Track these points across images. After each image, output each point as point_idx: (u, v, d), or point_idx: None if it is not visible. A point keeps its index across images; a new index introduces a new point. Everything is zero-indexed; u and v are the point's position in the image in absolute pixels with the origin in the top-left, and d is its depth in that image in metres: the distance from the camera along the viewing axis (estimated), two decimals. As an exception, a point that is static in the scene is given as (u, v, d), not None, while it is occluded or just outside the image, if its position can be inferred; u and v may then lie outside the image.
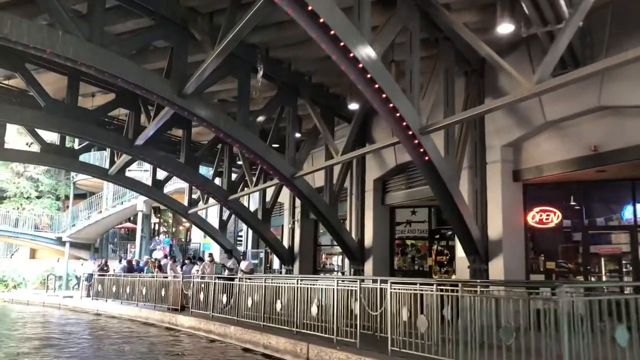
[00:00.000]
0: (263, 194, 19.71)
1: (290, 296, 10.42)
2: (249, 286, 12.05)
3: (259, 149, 12.30)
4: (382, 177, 15.74)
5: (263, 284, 11.31)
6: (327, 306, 9.54)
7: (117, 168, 18.39)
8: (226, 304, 12.93)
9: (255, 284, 11.85)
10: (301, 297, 10.12)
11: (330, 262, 20.76)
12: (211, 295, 13.48)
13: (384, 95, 8.13)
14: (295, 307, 10.16)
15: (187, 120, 16.47)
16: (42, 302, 23.49)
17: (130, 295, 18.11)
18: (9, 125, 28.47)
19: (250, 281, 12.34)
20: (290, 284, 10.55)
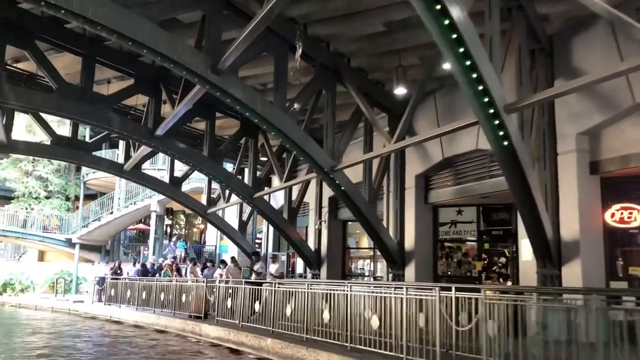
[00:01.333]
0: (289, 192, 18.27)
1: (340, 305, 8.95)
2: (287, 292, 10.59)
3: (298, 138, 10.87)
4: (425, 173, 14.26)
5: (305, 290, 9.84)
6: (384, 317, 8.10)
7: (132, 163, 17.01)
8: (257, 312, 11.50)
9: (294, 290, 10.37)
10: (353, 306, 8.66)
11: (357, 266, 19.34)
12: (240, 302, 12.04)
13: (469, 62, 6.67)
14: (347, 318, 8.70)
15: (211, 111, 15.14)
16: (51, 307, 22.16)
17: (146, 300, 16.70)
18: (17, 122, 27.30)
19: (286, 287, 10.87)
20: (340, 291, 9.07)
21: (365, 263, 19.24)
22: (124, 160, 17.42)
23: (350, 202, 12.76)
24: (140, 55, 12.90)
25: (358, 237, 19.55)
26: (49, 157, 15.84)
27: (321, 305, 9.59)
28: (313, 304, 9.75)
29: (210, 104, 14.94)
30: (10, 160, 33.55)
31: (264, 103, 10.03)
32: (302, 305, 9.89)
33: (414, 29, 10.76)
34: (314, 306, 9.67)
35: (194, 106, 13.59)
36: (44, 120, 15.30)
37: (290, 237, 17.64)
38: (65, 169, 35.76)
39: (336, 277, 17.95)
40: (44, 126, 15.13)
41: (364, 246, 19.22)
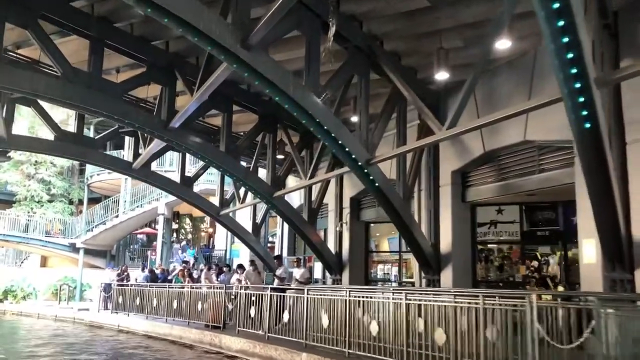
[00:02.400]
0: (308, 192, 17.07)
1: (389, 315, 7.75)
2: (321, 300, 9.39)
3: (332, 126, 9.68)
4: (462, 169, 13.06)
5: (346, 298, 8.63)
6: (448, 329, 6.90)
7: (142, 161, 15.85)
8: (285, 322, 10.30)
9: (332, 297, 9.17)
10: (406, 317, 7.46)
11: (380, 271, 18.14)
12: (265, 311, 10.83)
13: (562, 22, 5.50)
14: (400, 330, 7.49)
15: (228, 103, 14.00)
16: (54, 316, 20.97)
17: (158, 308, 15.50)
18: (18, 122, 26.24)
19: (321, 294, 9.67)
20: (394, 299, 7.86)
21: (387, 267, 18.12)
22: (133, 158, 16.26)
23: (385, 200, 11.55)
24: (153, 40, 11.78)
25: (378, 241, 18.38)
26: (52, 153, 14.66)
27: (363, 314, 8.39)
28: (353, 314, 8.55)
29: (227, 95, 13.84)
30: (11, 162, 32.49)
31: (297, 85, 8.86)
32: (341, 315, 8.69)
33: (460, 3, 9.66)
34: (354, 316, 8.47)
35: (210, 98, 12.49)
36: (47, 114, 14.16)
37: (311, 240, 16.45)
38: (68, 172, 34.66)
39: (359, 282, 16.75)
40: (47, 120, 13.99)
41: (384, 249, 18.06)
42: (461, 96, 8.92)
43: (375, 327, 7.78)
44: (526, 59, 11.19)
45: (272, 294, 10.79)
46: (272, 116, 15.07)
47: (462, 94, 8.91)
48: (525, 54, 11.17)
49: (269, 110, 14.93)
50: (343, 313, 8.64)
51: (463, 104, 8.94)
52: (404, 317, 7.59)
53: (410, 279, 17.21)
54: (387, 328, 7.74)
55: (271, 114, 15.00)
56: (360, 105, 10.91)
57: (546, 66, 10.80)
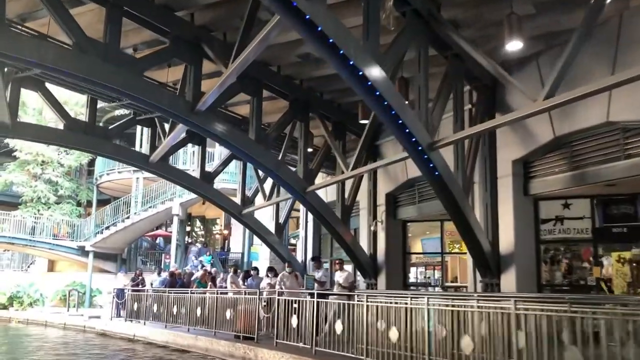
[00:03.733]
0: (341, 187, 15.53)
1: (482, 328, 6.20)
2: (386, 309, 7.85)
3: (395, 101, 8.15)
4: (525, 158, 11.50)
5: (425, 307, 7.07)
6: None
7: (160, 154, 14.38)
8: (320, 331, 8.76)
9: (405, 305, 7.61)
10: (507, 330, 5.92)
11: (417, 274, 16.61)
12: (309, 320, 9.29)
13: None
14: (493, 346, 5.94)
15: (258, 87, 12.50)
16: (63, 324, 19.52)
17: (178, 316, 13.99)
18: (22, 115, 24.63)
19: (384, 301, 8.13)
20: (469, 307, 6.31)
21: (422, 270, 16.60)
22: (149, 152, 14.79)
23: (446, 192, 10.01)
24: (177, 9, 10.31)
25: (410, 242, 16.81)
26: (61, 144, 13.20)
27: (444, 326, 6.84)
28: (433, 327, 7.01)
29: (257, 78, 12.36)
30: (17, 162, 31.14)
31: (357, 45, 7.34)
32: (415, 328, 7.14)
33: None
34: (435, 330, 6.92)
35: (239, 80, 11.06)
36: (55, 100, 12.72)
37: (345, 241, 14.92)
38: (76, 172, 33.30)
39: (397, 287, 15.19)
40: (55, 107, 12.54)
41: (416, 251, 16.53)
42: (563, 59, 7.38)
43: (469, 344, 6.22)
44: (608, 26, 9.65)
45: (319, 300, 9.24)
46: (304, 102, 13.58)
47: (564, 59, 7.38)
48: (607, 21, 9.64)
49: (300, 96, 13.46)
50: (417, 325, 7.09)
51: (564, 70, 7.39)
52: (502, 330, 6.05)
53: (453, 284, 15.70)
54: (484, 345, 6.19)
55: (303, 100, 13.51)
56: (419, 80, 9.36)
57: (635, 34, 9.33)
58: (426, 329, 6.93)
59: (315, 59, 12.29)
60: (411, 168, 14.36)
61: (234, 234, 29.08)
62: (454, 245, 15.90)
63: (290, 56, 12.10)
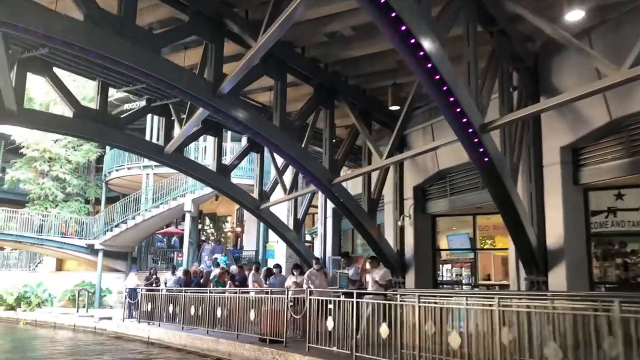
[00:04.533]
0: (367, 180, 14.58)
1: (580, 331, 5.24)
2: (440, 310, 6.91)
3: (448, 75, 7.19)
4: (574, 144, 10.50)
5: (496, 309, 6.12)
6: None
7: (175, 144, 13.50)
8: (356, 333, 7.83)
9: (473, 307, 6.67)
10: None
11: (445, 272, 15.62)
12: (347, 323, 8.35)
13: None
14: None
15: (282, 70, 11.55)
16: (73, 325, 18.68)
17: (196, 317, 13.09)
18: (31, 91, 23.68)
19: (437, 302, 7.19)
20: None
21: (451, 268, 15.62)
22: (164, 142, 13.89)
23: (495, 179, 9.06)
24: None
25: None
26: (70, 132, 12.25)
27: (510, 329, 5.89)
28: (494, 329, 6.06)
29: (281, 60, 11.42)
30: (24, 159, 30.36)
31: (412, 9, 6.39)
32: (484, 333, 6.19)
33: None
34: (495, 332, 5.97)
35: (262, 61, 10.14)
36: (64, 86, 11.84)
37: (372, 237, 13.98)
38: (84, 169, 32.48)
39: (426, 285, 14.26)
40: (64, 93, 11.66)
41: (443, 247, 15.53)
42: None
43: (557, 352, 5.26)
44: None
45: (358, 300, 8.30)
46: (329, 88, 12.62)
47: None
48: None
49: (325, 81, 12.49)
50: (487, 329, 6.14)
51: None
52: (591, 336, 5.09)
53: (486, 282, 14.73)
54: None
55: (328, 85, 12.56)
56: (468, 56, 8.40)
57: None
58: (497, 334, 5.98)
59: (343, 38, 11.39)
60: (443, 158, 13.45)
61: (247, 232, 28.21)
62: (485, 241, 14.97)
63: (317, 35, 11.16)
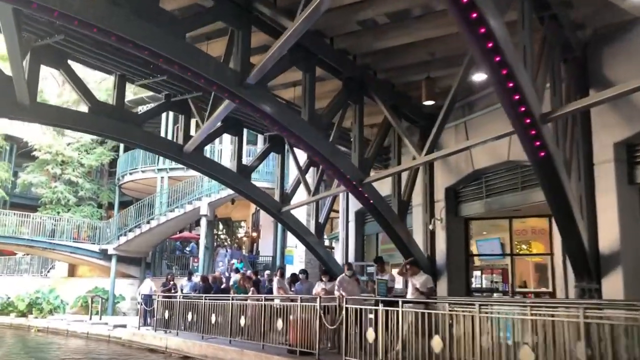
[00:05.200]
0: (397, 180, 13.76)
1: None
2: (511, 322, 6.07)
3: (510, 56, 6.39)
4: (629, 141, 9.61)
5: (581, 320, 5.28)
6: None
7: (195, 143, 12.78)
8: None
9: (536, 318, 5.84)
10: None
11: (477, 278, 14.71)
12: (392, 335, 7.53)
13: None
14: None
15: (311, 62, 10.80)
16: (86, 333, 17.98)
17: (217, 326, 12.32)
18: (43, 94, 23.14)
19: (500, 310, 6.36)
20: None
21: (476, 274, 14.71)
22: (183, 141, 13.17)
23: (551, 175, 8.22)
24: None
25: (464, 242, 14.93)
26: (85, 128, 11.54)
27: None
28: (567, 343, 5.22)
29: (310, 51, 10.66)
30: (36, 162, 29.92)
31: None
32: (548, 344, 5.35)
33: None
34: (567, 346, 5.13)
35: (290, 53, 9.40)
36: (79, 79, 11.18)
37: (403, 241, 13.15)
38: (97, 173, 31.99)
39: (459, 293, 13.36)
40: (78, 87, 10.99)
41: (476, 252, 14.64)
42: None
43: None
44: None
45: (409, 310, 7.48)
46: (358, 82, 11.83)
47: None
48: None
49: (355, 74, 11.70)
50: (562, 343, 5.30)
51: None
52: None
53: (522, 289, 13.83)
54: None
55: (357, 79, 11.77)
56: (524, 38, 7.58)
57: None
58: (573, 348, 5.16)
59: (376, 27, 10.63)
60: (478, 158, 12.62)
61: (263, 237, 27.47)
62: (520, 246, 14.11)
63: (349, 24, 10.40)
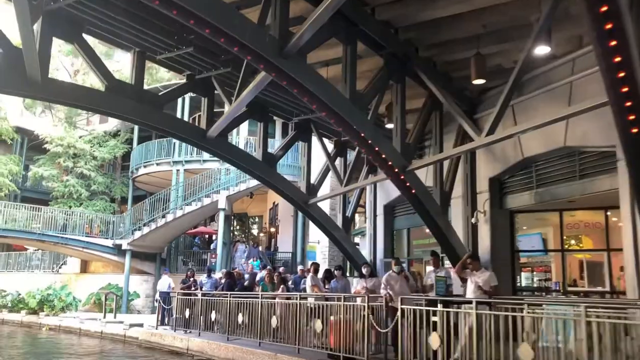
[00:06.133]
0: (439, 168, 12.64)
1: None
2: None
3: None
4: None
5: None
6: None
7: (220, 127, 11.75)
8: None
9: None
10: None
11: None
12: (463, 341, 6.41)
13: None
14: None
15: (352, 34, 9.69)
16: (100, 332, 17.02)
17: (244, 327, 11.26)
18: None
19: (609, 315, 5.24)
20: None
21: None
22: (206, 126, 12.12)
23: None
24: None
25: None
26: (102, 109, 10.41)
27: None
28: None
29: (351, 21, 9.56)
30: (48, 155, 29.10)
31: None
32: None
33: None
34: None
35: (330, 21, 8.30)
36: (94, 54, 10.16)
37: (445, 235, 12.04)
38: (109, 166, 31.11)
39: (504, 292, 12.16)
40: (94, 63, 9.96)
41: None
42: None
43: None
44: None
45: (484, 312, 6.37)
46: (401, 59, 10.71)
47: None
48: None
49: (397, 50, 10.59)
50: None
51: None
52: None
53: (574, 288, 12.67)
54: None
55: (401, 56, 10.66)
56: None
57: None
58: None
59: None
60: (528, 144, 11.47)
61: (281, 232, 26.40)
62: (569, 242, 12.96)
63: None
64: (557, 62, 10.66)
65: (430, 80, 10.80)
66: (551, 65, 10.74)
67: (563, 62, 10.62)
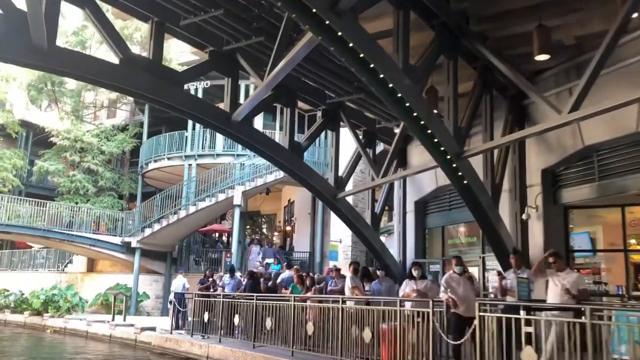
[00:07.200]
0: (490, 158, 11.33)
1: None
2: None
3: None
4: None
5: None
6: None
7: (245, 111, 10.49)
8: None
9: None
10: None
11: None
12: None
13: None
14: None
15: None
16: (108, 336, 15.78)
17: (273, 333, 9.99)
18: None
19: None
20: None
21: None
22: (229, 109, 10.85)
23: None
24: None
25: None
26: (115, 83, 9.05)
27: None
28: None
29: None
30: (54, 149, 27.96)
31: None
32: None
33: None
34: None
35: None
36: (108, 22, 8.93)
37: (496, 230, 10.75)
38: (117, 161, 29.96)
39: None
40: (107, 32, 8.72)
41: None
42: None
43: None
44: None
45: (604, 324, 5.05)
46: (453, 31, 9.43)
47: None
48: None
49: (450, 21, 9.30)
50: None
51: None
52: None
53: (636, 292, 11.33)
54: None
55: (453, 28, 9.37)
56: None
57: None
58: None
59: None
60: (590, 131, 10.17)
61: (297, 231, 25.16)
62: (629, 242, 11.62)
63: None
64: (630, 37, 9.40)
65: (492, 55, 9.50)
66: (623, 40, 9.49)
67: (636, 37, 9.39)
